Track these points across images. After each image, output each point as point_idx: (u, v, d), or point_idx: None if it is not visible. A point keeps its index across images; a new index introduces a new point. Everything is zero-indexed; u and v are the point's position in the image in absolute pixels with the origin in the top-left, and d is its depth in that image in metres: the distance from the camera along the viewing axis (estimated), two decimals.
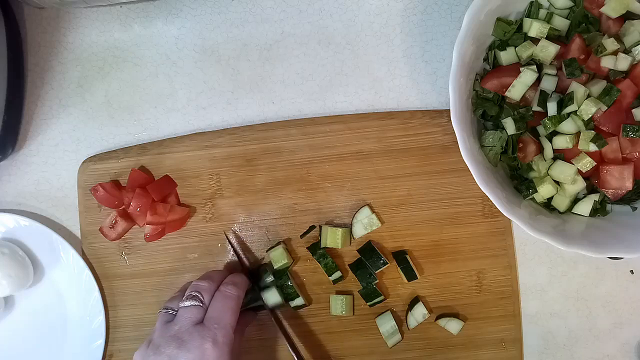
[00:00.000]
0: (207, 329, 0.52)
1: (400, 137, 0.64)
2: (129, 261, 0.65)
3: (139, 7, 0.66)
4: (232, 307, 0.55)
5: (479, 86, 0.59)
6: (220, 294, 0.56)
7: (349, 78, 0.65)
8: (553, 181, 0.58)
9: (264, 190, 0.64)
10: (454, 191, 0.64)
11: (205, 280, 0.57)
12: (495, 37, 0.59)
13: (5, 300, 0.66)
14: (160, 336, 0.53)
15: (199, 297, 0.55)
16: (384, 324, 0.63)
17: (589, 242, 0.54)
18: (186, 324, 0.53)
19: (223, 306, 0.55)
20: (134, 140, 0.66)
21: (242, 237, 0.65)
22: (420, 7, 0.65)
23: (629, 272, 0.66)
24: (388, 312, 0.64)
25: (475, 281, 0.64)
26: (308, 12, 0.65)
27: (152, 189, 0.63)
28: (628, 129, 0.54)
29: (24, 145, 0.67)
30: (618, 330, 0.66)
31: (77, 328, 0.66)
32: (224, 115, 0.66)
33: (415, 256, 0.64)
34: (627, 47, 0.56)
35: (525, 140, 0.58)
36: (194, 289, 0.56)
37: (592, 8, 0.58)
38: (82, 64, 0.66)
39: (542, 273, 0.66)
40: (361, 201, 0.64)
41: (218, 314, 0.54)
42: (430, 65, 0.65)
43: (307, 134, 0.64)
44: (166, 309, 0.56)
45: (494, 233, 0.64)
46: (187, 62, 0.66)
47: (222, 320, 0.53)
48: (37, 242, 0.65)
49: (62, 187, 0.67)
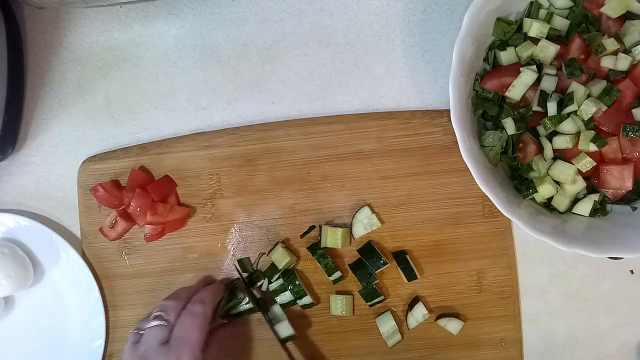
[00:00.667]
0: (172, 348, 0.52)
1: (400, 137, 0.64)
2: (129, 261, 0.65)
3: (139, 7, 0.66)
4: (198, 325, 0.54)
5: (479, 86, 0.59)
6: (187, 312, 0.55)
7: (349, 78, 0.65)
8: (553, 181, 0.58)
9: (264, 190, 0.64)
10: (454, 191, 0.64)
11: (171, 299, 0.57)
12: (495, 37, 0.59)
13: (5, 300, 0.66)
14: (128, 357, 0.53)
15: (163, 317, 0.55)
16: (384, 324, 0.63)
17: (589, 242, 0.54)
18: (152, 345, 0.53)
19: (188, 325, 0.54)
20: (134, 140, 0.66)
21: (242, 237, 0.65)
22: (420, 7, 0.65)
23: (629, 272, 0.66)
24: (388, 312, 0.64)
25: (475, 281, 0.64)
26: (308, 12, 0.65)
27: (152, 189, 0.63)
28: (628, 129, 0.54)
29: (24, 145, 0.67)
30: (618, 330, 0.66)
31: (77, 328, 0.66)
32: (224, 115, 0.66)
33: (415, 256, 0.64)
34: (627, 47, 0.56)
35: (525, 140, 0.58)
36: (160, 308, 0.56)
37: (592, 8, 0.57)
38: (82, 64, 0.66)
39: (542, 273, 0.66)
40: (361, 201, 0.64)
41: (184, 333, 0.53)
42: (430, 65, 0.65)
43: (307, 134, 0.64)
44: (137, 330, 0.56)
45: (494, 233, 0.64)
46: (187, 62, 0.66)
47: (187, 339, 0.53)
48: (37, 242, 0.65)
49: (62, 187, 0.67)
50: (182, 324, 0.54)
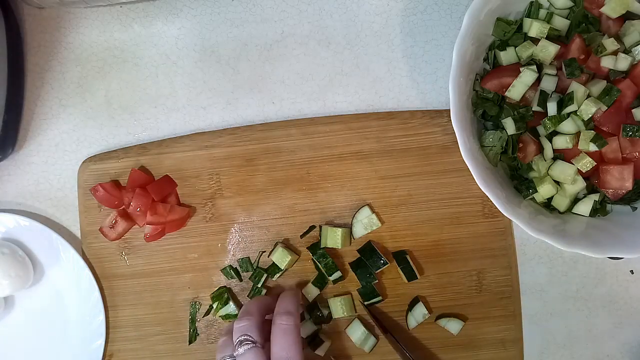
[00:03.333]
0: None
1: (400, 137, 0.64)
2: (129, 261, 0.65)
3: (139, 7, 0.66)
4: (294, 340, 0.50)
5: (479, 86, 0.59)
6: (278, 330, 0.51)
7: (349, 78, 0.65)
8: (553, 181, 0.58)
9: (264, 190, 0.64)
10: (454, 191, 0.64)
11: (244, 319, 0.52)
12: (495, 37, 0.59)
13: (5, 300, 0.66)
14: None
15: (249, 339, 0.50)
16: (354, 333, 0.63)
17: (589, 242, 0.54)
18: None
19: (285, 343, 0.50)
20: (134, 140, 0.66)
21: (242, 237, 0.65)
22: (420, 7, 0.65)
23: (629, 272, 0.66)
24: (356, 320, 0.63)
25: (475, 281, 0.64)
26: (308, 12, 0.65)
27: (152, 189, 0.63)
28: (628, 129, 0.54)
29: (24, 145, 0.67)
30: (618, 330, 0.66)
31: (77, 328, 0.66)
32: (224, 115, 0.66)
33: (416, 256, 0.64)
34: (627, 47, 0.56)
35: (525, 140, 0.58)
36: (239, 333, 0.51)
37: (592, 8, 0.58)
38: (82, 64, 0.66)
39: (542, 273, 0.66)
40: (361, 201, 0.64)
41: (285, 355, 0.49)
42: (430, 65, 0.65)
43: (307, 134, 0.64)
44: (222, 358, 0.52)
45: (494, 233, 0.64)
46: (187, 62, 0.66)
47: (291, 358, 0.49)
48: (37, 242, 0.65)
49: (62, 187, 0.67)
50: (278, 345, 0.50)
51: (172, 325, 0.65)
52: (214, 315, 0.65)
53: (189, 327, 0.65)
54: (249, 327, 0.51)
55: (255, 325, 0.52)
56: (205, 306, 0.65)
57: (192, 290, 0.65)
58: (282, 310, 0.53)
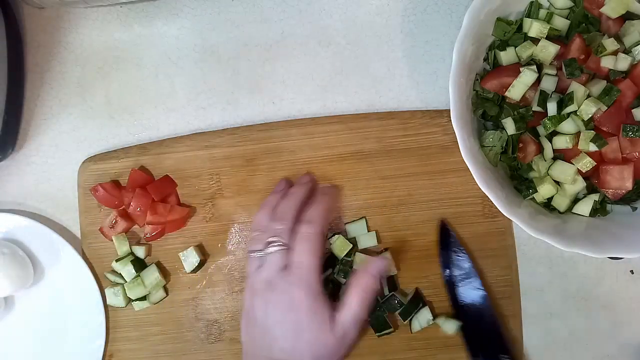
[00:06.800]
0: (290, 274, 0.54)
1: (400, 137, 0.64)
2: None
3: (139, 7, 0.66)
4: (311, 248, 0.55)
5: (479, 86, 0.59)
6: (300, 237, 0.56)
7: (349, 78, 0.65)
8: (553, 181, 0.58)
9: (264, 190, 0.64)
10: (454, 191, 0.64)
11: (278, 222, 0.57)
12: (495, 37, 0.59)
13: (5, 300, 0.66)
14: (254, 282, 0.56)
15: (280, 242, 0.55)
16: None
17: (589, 242, 0.54)
18: (274, 269, 0.54)
19: (302, 249, 0.55)
20: (134, 140, 0.66)
21: (242, 237, 0.65)
22: (420, 7, 0.65)
23: (629, 272, 0.66)
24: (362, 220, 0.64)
25: None
26: (308, 12, 0.65)
27: (152, 189, 0.63)
28: (628, 129, 0.54)
29: (24, 145, 0.67)
30: (618, 330, 0.66)
31: (77, 328, 0.66)
32: (224, 115, 0.66)
33: (416, 256, 0.64)
34: (627, 47, 0.56)
35: (525, 140, 0.58)
36: (272, 234, 0.56)
37: (592, 8, 0.58)
38: (82, 64, 0.66)
39: (542, 273, 0.66)
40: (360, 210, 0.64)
41: (299, 258, 0.54)
42: (430, 65, 0.65)
43: (307, 134, 0.64)
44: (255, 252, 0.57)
45: (494, 233, 0.64)
46: (187, 62, 0.66)
47: (303, 264, 0.54)
48: (37, 242, 0.65)
49: (62, 187, 0.67)
50: (299, 249, 0.55)
51: (172, 325, 0.65)
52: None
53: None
54: (282, 231, 0.56)
55: (288, 230, 0.56)
56: (205, 306, 0.65)
57: (192, 290, 0.65)
58: (307, 218, 0.57)
